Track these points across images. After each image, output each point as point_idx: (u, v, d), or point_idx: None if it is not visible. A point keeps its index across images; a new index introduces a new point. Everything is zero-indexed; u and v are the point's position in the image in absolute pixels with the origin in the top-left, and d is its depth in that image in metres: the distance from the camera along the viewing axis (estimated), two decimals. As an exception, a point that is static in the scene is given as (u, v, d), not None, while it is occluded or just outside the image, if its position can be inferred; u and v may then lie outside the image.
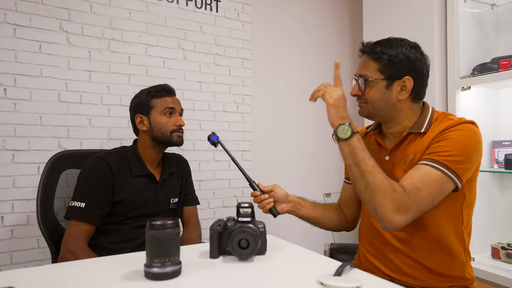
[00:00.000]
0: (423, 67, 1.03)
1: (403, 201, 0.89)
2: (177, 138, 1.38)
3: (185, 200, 1.51)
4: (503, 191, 1.91)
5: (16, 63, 1.69)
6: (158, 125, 1.35)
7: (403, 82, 1.01)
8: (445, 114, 1.05)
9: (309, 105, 2.57)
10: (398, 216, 0.89)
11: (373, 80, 1.03)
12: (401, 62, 1.00)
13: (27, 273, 0.76)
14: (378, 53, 1.02)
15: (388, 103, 1.03)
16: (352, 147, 0.95)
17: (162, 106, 1.36)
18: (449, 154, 0.92)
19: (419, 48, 1.05)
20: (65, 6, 1.80)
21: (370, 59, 1.04)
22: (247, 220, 0.86)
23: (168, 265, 0.71)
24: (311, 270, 0.78)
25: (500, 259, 1.73)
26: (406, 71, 1.01)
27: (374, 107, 1.05)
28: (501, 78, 1.70)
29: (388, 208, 0.89)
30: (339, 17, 2.75)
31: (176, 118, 1.39)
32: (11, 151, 1.67)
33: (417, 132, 1.03)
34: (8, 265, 1.64)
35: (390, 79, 1.02)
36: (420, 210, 0.91)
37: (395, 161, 1.05)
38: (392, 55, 1.00)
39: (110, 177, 1.28)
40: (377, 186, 0.91)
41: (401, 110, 1.04)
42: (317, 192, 2.56)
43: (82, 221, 1.22)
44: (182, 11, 2.11)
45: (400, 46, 1.02)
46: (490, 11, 1.99)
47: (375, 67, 1.03)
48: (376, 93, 1.03)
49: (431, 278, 1.00)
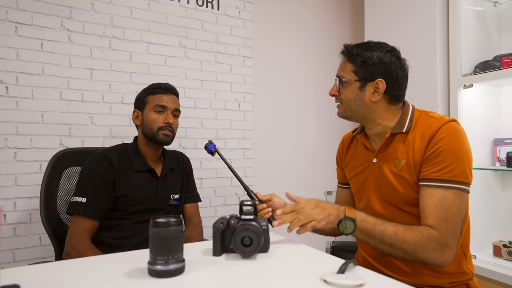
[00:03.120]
0: (398, 71, 1.04)
1: (440, 242, 0.91)
2: (163, 136, 1.36)
3: (186, 197, 1.52)
4: (505, 189, 1.91)
5: (18, 61, 1.69)
6: (148, 121, 1.37)
7: (376, 84, 1.03)
8: (426, 112, 1.06)
9: (310, 103, 2.57)
10: (445, 255, 0.91)
11: (347, 81, 1.06)
12: (374, 65, 1.03)
13: (31, 270, 0.77)
14: (353, 55, 1.05)
15: (361, 104, 1.06)
16: (364, 232, 0.95)
17: (154, 102, 1.37)
18: (451, 169, 0.94)
19: (396, 53, 1.06)
20: (67, 4, 1.79)
21: (346, 60, 1.08)
22: (250, 217, 0.87)
23: (171, 263, 0.71)
24: (314, 268, 0.78)
25: (502, 257, 1.73)
26: (379, 74, 1.03)
27: (349, 108, 1.08)
28: (503, 76, 1.70)
29: (434, 257, 0.91)
30: (341, 14, 2.74)
31: (166, 115, 1.37)
32: (13, 149, 1.67)
33: (400, 132, 1.04)
34: (11, 262, 1.65)
35: (363, 80, 1.04)
36: (457, 234, 0.94)
37: (383, 163, 1.07)
38: (367, 57, 1.03)
39: (111, 172, 1.29)
40: (411, 247, 0.91)
41: (376, 111, 1.06)
42: (318, 190, 2.56)
43: (85, 217, 1.23)
44: (184, 9, 2.11)
45: (376, 49, 1.04)
46: (493, 9, 1.98)
47: (350, 68, 1.06)
48: (350, 93, 1.06)
49: (429, 275, 1.00)
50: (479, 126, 1.89)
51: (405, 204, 1.03)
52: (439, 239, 0.90)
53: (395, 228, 0.93)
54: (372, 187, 1.09)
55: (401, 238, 0.92)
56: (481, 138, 1.89)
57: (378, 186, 1.08)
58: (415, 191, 1.00)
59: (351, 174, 1.19)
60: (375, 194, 1.09)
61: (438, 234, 0.91)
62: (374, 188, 1.09)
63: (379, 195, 1.08)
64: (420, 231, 0.91)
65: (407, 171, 1.01)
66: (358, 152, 1.17)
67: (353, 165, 1.18)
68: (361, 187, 1.14)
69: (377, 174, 1.08)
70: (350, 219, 0.93)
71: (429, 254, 0.91)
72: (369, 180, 1.10)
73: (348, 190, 1.25)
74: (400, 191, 1.02)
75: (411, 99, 1.14)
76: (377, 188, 1.08)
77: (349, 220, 0.93)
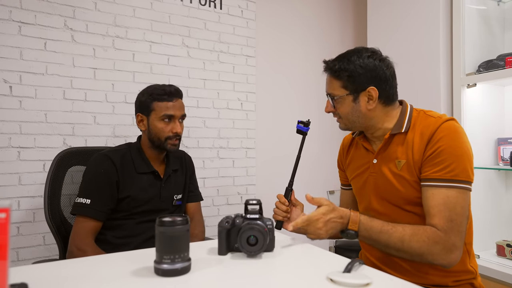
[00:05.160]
0: (385, 72, 1.04)
1: (447, 243, 0.91)
2: (171, 146, 1.36)
3: (189, 196, 1.52)
4: (508, 189, 1.91)
5: (21, 60, 1.69)
6: (155, 130, 1.34)
7: (368, 92, 1.03)
8: (424, 111, 1.06)
9: (312, 102, 2.56)
10: (452, 256, 0.91)
11: (339, 97, 1.06)
12: (361, 75, 1.02)
13: (38, 269, 0.77)
14: (337, 71, 1.04)
15: (359, 115, 1.06)
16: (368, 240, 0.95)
17: (161, 111, 1.33)
18: (453, 168, 0.94)
19: (378, 55, 1.05)
20: (70, 4, 1.80)
21: (332, 77, 1.07)
22: (255, 217, 0.87)
23: (178, 262, 0.71)
24: (320, 267, 0.79)
25: (505, 257, 1.73)
26: (368, 82, 1.03)
27: (349, 121, 1.08)
28: (507, 75, 1.69)
29: (441, 258, 0.91)
30: (343, 14, 2.74)
31: (174, 124, 1.35)
32: (17, 149, 1.68)
33: (399, 133, 1.04)
34: (15, 261, 1.65)
35: (355, 92, 1.04)
36: (463, 233, 0.93)
37: (383, 163, 1.07)
38: (351, 70, 1.02)
39: (114, 174, 1.29)
40: (417, 252, 0.91)
41: (375, 118, 1.06)
42: (320, 189, 2.56)
43: (88, 217, 1.24)
44: (186, 8, 2.11)
45: (357, 58, 1.03)
46: (496, 8, 1.98)
47: (339, 84, 1.05)
48: (345, 108, 1.06)
49: (435, 274, 1.00)
50: (482, 126, 1.88)
51: (406, 204, 1.03)
52: (445, 240, 0.90)
53: (401, 235, 0.92)
54: (373, 188, 1.09)
55: (407, 245, 0.92)
56: (485, 137, 1.89)
57: (378, 187, 1.08)
58: (416, 190, 1.00)
59: (352, 176, 1.19)
60: (376, 194, 1.09)
61: (444, 235, 0.91)
62: (375, 189, 1.09)
63: (380, 195, 1.08)
64: (427, 235, 0.91)
65: (407, 171, 1.01)
66: (358, 153, 1.18)
67: (354, 166, 1.18)
68: (362, 188, 1.14)
69: (377, 175, 1.08)
70: (352, 231, 0.94)
71: (436, 256, 0.91)
72: (369, 181, 1.10)
73: (351, 192, 1.25)
74: (400, 191, 1.02)
75: (415, 98, 1.14)
76: (377, 188, 1.08)
77: (350, 231, 0.94)
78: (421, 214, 0.99)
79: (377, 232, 0.94)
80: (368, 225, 0.94)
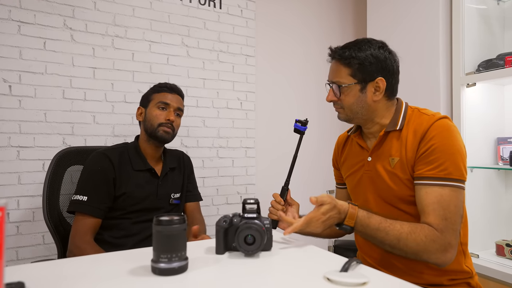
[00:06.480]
0: (393, 65, 1.04)
1: (443, 242, 0.90)
2: (163, 132, 1.36)
3: (187, 196, 1.52)
4: (508, 188, 1.91)
5: (20, 60, 1.69)
6: (150, 117, 1.38)
7: (376, 83, 1.02)
8: (418, 109, 1.06)
9: (312, 102, 2.56)
10: (448, 254, 0.91)
11: (347, 86, 1.03)
12: (372, 64, 1.01)
13: (35, 268, 0.77)
14: (347, 58, 1.02)
15: (364, 106, 1.04)
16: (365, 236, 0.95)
17: (158, 99, 1.39)
18: (446, 166, 0.93)
19: (387, 47, 1.05)
20: (69, 3, 1.80)
21: (340, 64, 1.04)
22: (253, 216, 0.87)
23: (175, 261, 0.71)
24: (318, 266, 0.78)
25: (505, 256, 1.73)
26: (377, 72, 1.02)
27: (351, 111, 1.06)
28: (507, 74, 1.69)
29: (436, 257, 0.91)
30: (343, 13, 2.74)
31: (168, 112, 1.39)
32: (16, 148, 1.68)
33: (394, 130, 1.04)
34: (14, 260, 1.66)
35: (363, 82, 1.02)
36: (458, 231, 0.93)
37: (377, 161, 1.07)
38: (362, 58, 1.01)
39: (111, 171, 1.30)
40: (413, 250, 0.91)
41: (377, 110, 1.06)
42: (320, 188, 2.56)
43: (86, 215, 1.24)
44: (186, 7, 2.11)
45: (369, 47, 1.02)
46: (496, 7, 1.97)
47: (347, 72, 1.03)
48: (351, 98, 1.04)
49: (430, 274, 1.00)
50: (482, 125, 1.88)
51: (399, 202, 1.02)
52: (441, 239, 0.90)
53: (398, 233, 0.92)
54: (367, 186, 1.09)
55: (403, 243, 0.91)
56: (484, 137, 1.88)
57: (373, 185, 1.07)
58: (409, 188, 1.00)
59: (346, 174, 1.19)
60: (371, 192, 1.08)
61: (440, 234, 0.90)
62: (369, 187, 1.09)
63: (374, 193, 1.07)
64: (425, 234, 0.90)
65: (400, 168, 1.00)
66: (353, 151, 1.17)
67: (349, 164, 1.18)
68: (357, 186, 1.13)
69: (371, 173, 1.07)
70: (347, 226, 0.94)
71: (431, 255, 0.91)
72: (364, 178, 1.10)
73: (346, 190, 1.25)
74: (393, 189, 1.02)
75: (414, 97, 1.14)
76: (372, 186, 1.08)
77: (346, 227, 0.94)
78: (415, 214, 0.99)
79: (374, 229, 0.93)
80: (365, 222, 0.94)
